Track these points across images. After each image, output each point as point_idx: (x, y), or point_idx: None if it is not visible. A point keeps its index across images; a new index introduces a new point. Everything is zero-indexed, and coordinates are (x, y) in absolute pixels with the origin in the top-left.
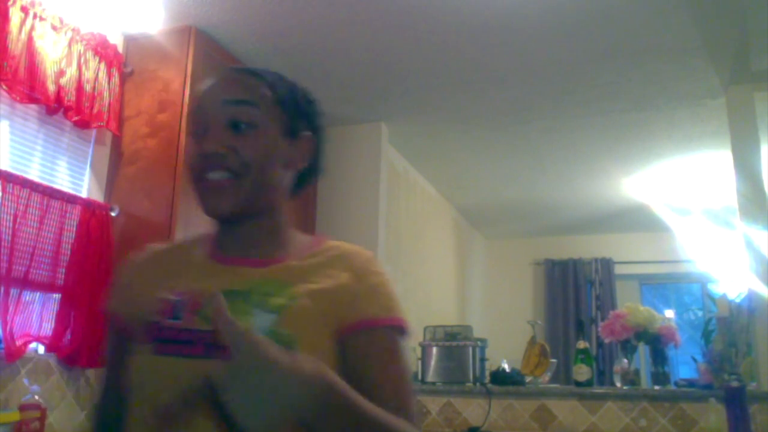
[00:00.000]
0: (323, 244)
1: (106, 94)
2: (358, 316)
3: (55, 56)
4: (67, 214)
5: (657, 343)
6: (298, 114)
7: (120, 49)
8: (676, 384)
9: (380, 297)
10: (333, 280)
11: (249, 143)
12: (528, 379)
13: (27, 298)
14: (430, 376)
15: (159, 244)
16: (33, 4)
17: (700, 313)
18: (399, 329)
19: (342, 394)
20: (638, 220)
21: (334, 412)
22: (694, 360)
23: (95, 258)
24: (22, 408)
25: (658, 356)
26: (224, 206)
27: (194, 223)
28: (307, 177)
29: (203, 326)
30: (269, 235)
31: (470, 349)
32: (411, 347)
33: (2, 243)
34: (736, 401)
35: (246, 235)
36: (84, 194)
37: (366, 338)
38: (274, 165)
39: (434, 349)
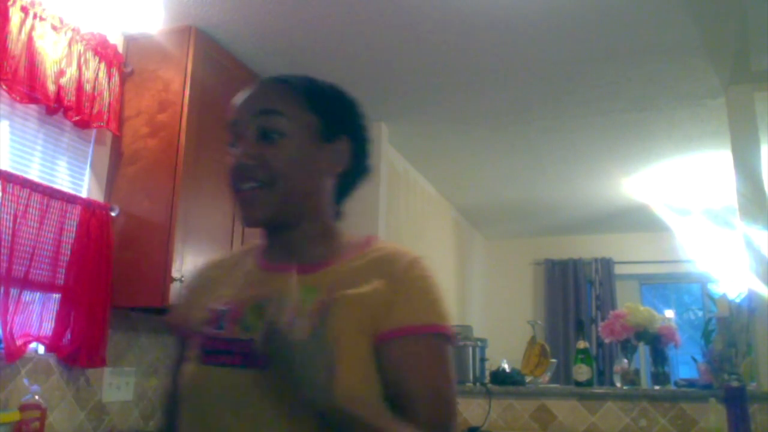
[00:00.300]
0: (370, 246)
1: (106, 94)
2: (392, 324)
3: (55, 56)
4: (67, 214)
5: (657, 343)
6: (332, 118)
7: (120, 49)
8: (676, 384)
9: (415, 303)
10: (370, 285)
11: (277, 152)
12: (528, 379)
13: (27, 298)
14: None
15: (218, 256)
16: (33, 4)
17: (700, 313)
18: (437, 335)
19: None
20: (638, 220)
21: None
22: (694, 360)
23: (95, 258)
24: (22, 408)
25: (658, 356)
26: (257, 216)
27: (194, 223)
28: (351, 179)
29: (243, 336)
30: (314, 240)
31: (470, 349)
32: None
33: (2, 243)
34: (736, 401)
35: (291, 241)
36: (84, 194)
37: (400, 346)
38: (307, 171)
39: None
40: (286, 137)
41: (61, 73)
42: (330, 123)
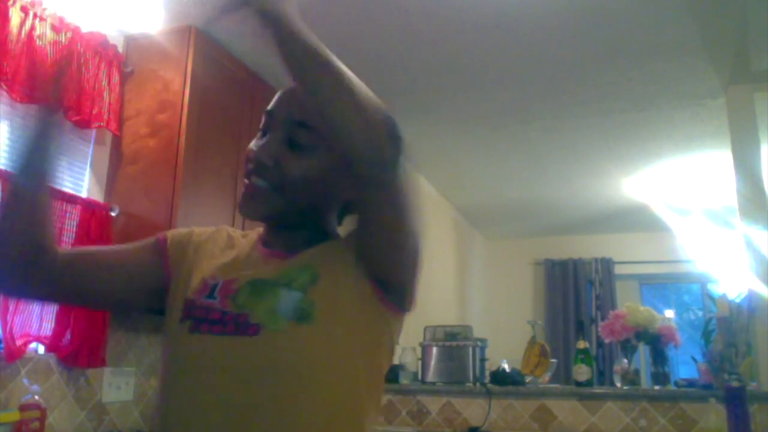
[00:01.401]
0: None
1: (106, 94)
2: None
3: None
4: (67, 214)
5: (657, 343)
6: None
7: (120, 49)
8: (676, 384)
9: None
10: (348, 244)
11: (298, 164)
12: (528, 379)
13: None
14: (430, 376)
15: (232, 229)
16: (33, 4)
17: (700, 313)
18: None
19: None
20: (638, 220)
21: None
22: (694, 360)
23: None
24: (22, 408)
25: (658, 356)
26: (252, 210)
27: (194, 223)
28: (358, 207)
29: (233, 310)
30: (310, 242)
31: (470, 349)
32: (411, 347)
33: None
34: (736, 401)
35: (287, 240)
36: (84, 194)
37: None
38: (317, 191)
39: (434, 349)
40: (311, 152)
41: None
42: None
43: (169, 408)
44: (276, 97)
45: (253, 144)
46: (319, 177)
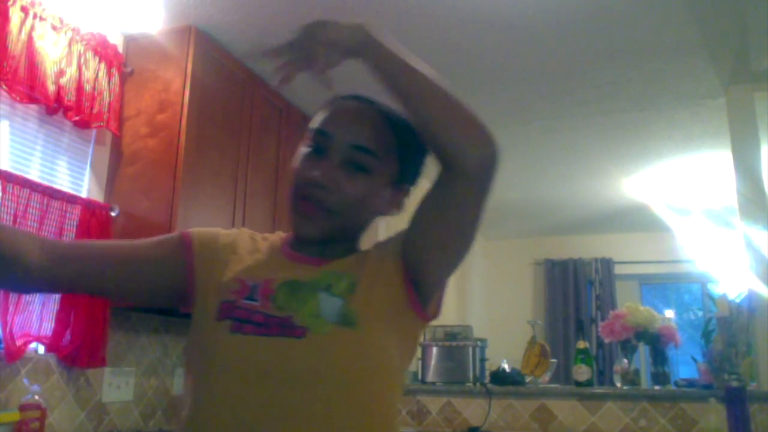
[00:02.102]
0: None
1: (106, 94)
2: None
3: (55, 56)
4: (67, 214)
5: (657, 343)
6: (409, 168)
7: (120, 49)
8: (676, 384)
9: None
10: (378, 254)
11: (355, 186)
12: (528, 379)
13: (27, 298)
14: (430, 376)
15: (252, 232)
16: (33, 4)
17: (700, 313)
18: None
19: (382, 43)
20: (638, 220)
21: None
22: (694, 360)
23: None
24: (22, 408)
25: (658, 356)
26: (312, 232)
27: (194, 223)
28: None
29: (279, 313)
30: (344, 252)
31: (470, 349)
32: None
33: None
34: (736, 401)
35: (321, 248)
36: (84, 194)
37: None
38: (369, 209)
39: (434, 349)
40: (368, 175)
41: (61, 73)
42: (406, 172)
43: (206, 407)
44: (327, 116)
45: (301, 162)
46: (373, 195)
